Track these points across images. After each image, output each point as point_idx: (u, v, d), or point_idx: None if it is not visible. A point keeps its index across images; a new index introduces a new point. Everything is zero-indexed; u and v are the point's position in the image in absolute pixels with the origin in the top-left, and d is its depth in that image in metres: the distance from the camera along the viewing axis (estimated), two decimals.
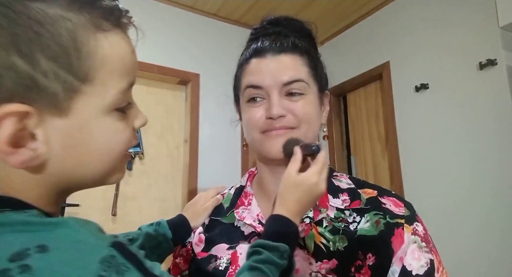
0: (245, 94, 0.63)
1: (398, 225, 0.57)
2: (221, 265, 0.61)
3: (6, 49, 0.28)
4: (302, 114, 0.60)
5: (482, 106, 1.94)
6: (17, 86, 0.29)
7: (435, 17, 2.22)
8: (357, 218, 0.59)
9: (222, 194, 0.75)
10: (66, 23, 0.31)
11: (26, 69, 0.29)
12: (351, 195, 0.63)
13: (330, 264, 0.55)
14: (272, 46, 0.63)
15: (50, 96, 0.30)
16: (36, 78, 0.29)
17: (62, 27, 0.30)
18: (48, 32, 0.30)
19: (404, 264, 0.54)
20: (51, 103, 0.31)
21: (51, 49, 0.30)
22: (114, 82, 0.34)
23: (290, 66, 0.61)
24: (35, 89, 0.29)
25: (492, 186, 1.85)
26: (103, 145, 0.35)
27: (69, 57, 0.31)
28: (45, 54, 0.29)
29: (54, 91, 0.30)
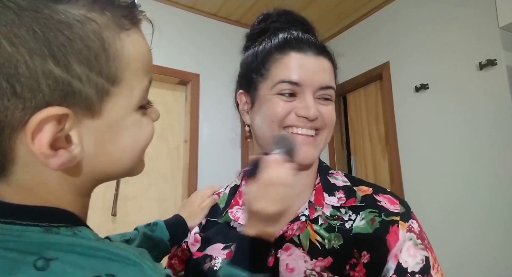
0: (278, 86, 0.60)
1: (393, 223, 0.57)
2: (216, 265, 0.61)
3: (42, 56, 0.28)
4: (330, 119, 0.62)
5: (482, 106, 1.94)
6: (54, 92, 0.29)
7: (435, 17, 2.22)
8: (353, 216, 0.60)
9: (217, 193, 0.75)
10: (92, 24, 0.31)
11: (62, 75, 0.29)
12: (347, 193, 0.63)
13: (325, 261, 0.55)
14: (311, 44, 0.62)
15: (84, 100, 0.31)
16: (71, 83, 0.30)
17: (89, 29, 0.31)
18: (78, 36, 0.30)
19: (400, 261, 0.54)
20: (85, 106, 0.31)
21: (82, 53, 0.30)
22: (139, 81, 0.35)
23: (328, 71, 0.62)
24: (71, 93, 0.30)
25: (492, 186, 1.85)
26: (132, 141, 0.36)
27: (99, 60, 0.31)
28: (77, 58, 0.30)
29: (88, 94, 0.31)
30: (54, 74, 0.29)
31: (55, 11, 0.29)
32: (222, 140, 2.56)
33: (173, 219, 0.71)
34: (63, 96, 0.30)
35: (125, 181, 2.25)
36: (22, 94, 0.28)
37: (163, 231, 0.68)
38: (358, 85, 2.78)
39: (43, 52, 0.28)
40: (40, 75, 0.28)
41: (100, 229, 1.44)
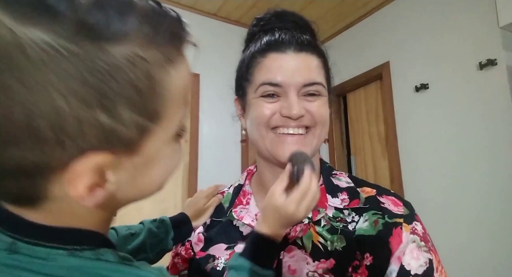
0: (259, 90, 0.60)
1: (396, 225, 0.57)
2: (219, 265, 0.60)
3: (90, 106, 0.27)
4: (319, 115, 0.60)
5: (482, 106, 1.94)
6: (99, 139, 0.28)
7: (435, 17, 2.22)
8: (356, 217, 0.59)
9: (221, 192, 0.75)
10: (143, 64, 0.29)
11: (107, 122, 0.28)
12: (350, 194, 0.62)
13: (327, 263, 0.55)
14: (292, 42, 0.60)
15: (126, 141, 0.30)
16: (116, 129, 0.29)
17: (140, 69, 0.29)
18: (128, 79, 0.28)
19: (403, 263, 0.54)
20: (126, 147, 0.30)
21: (131, 97, 0.28)
22: (178, 113, 0.34)
23: (310, 66, 0.60)
24: (115, 139, 0.29)
25: (492, 185, 1.85)
26: (164, 170, 0.36)
27: (145, 100, 0.30)
28: (125, 104, 0.28)
29: (130, 136, 0.30)
30: (100, 122, 0.28)
31: (106, 52, 0.27)
32: (222, 140, 2.56)
33: (179, 217, 0.71)
34: (106, 141, 0.29)
35: None
36: (65, 142, 0.27)
37: (168, 228, 0.68)
38: (358, 85, 2.78)
39: (92, 101, 0.27)
40: (86, 124, 0.27)
41: None
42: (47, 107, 0.25)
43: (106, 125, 0.28)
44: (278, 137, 0.60)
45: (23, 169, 0.27)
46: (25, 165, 0.27)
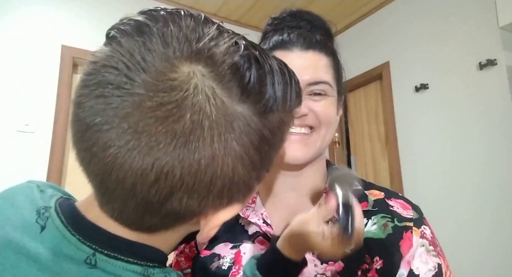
0: None
1: (407, 229, 0.56)
2: (224, 264, 0.60)
3: (251, 170, 0.30)
4: (323, 115, 0.58)
5: (482, 106, 1.94)
6: (244, 196, 0.32)
7: (435, 17, 2.22)
8: (364, 220, 0.57)
9: None
10: (286, 126, 0.34)
11: (252, 182, 0.31)
12: (358, 197, 0.61)
13: (336, 266, 0.54)
14: (299, 40, 0.59)
15: (249, 194, 0.33)
16: (253, 186, 0.32)
17: (284, 131, 0.33)
18: (276, 142, 0.32)
19: (412, 267, 0.53)
20: (246, 198, 0.33)
21: (273, 158, 0.32)
22: None
23: (317, 65, 0.58)
24: (247, 192, 0.32)
25: (492, 185, 1.85)
26: None
27: (275, 158, 0.34)
28: (268, 163, 0.32)
29: (254, 188, 0.33)
30: (249, 183, 0.31)
31: (270, 121, 0.30)
32: None
33: None
34: (244, 195, 0.32)
35: None
36: (224, 198, 0.30)
37: None
38: (358, 85, 2.78)
39: (256, 167, 0.30)
40: (246, 185, 0.31)
41: None
42: (230, 170, 0.28)
43: (251, 183, 0.31)
44: None
45: (178, 213, 0.30)
46: (183, 211, 0.29)
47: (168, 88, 0.26)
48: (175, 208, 0.29)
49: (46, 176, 2.03)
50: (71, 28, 2.20)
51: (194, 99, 0.26)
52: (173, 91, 0.26)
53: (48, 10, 2.16)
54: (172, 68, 0.26)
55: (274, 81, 0.31)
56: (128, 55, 0.27)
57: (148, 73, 0.26)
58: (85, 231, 0.31)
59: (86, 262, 0.29)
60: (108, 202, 0.30)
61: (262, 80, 0.29)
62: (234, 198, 0.31)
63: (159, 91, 0.26)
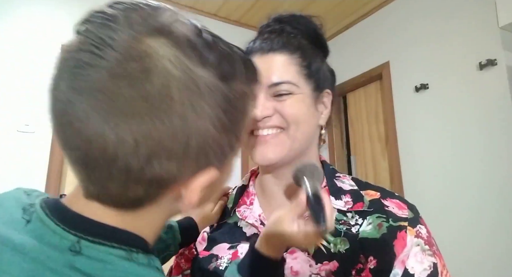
0: None
1: (401, 228, 0.56)
2: (221, 264, 0.60)
3: (224, 131, 0.33)
4: (289, 114, 0.58)
5: (482, 106, 1.94)
6: (217, 157, 0.34)
7: (435, 17, 2.22)
8: (359, 220, 0.58)
9: (226, 194, 0.75)
10: (248, 98, 0.36)
11: (224, 143, 0.33)
12: (354, 197, 0.61)
13: (330, 266, 0.54)
14: (261, 46, 0.61)
15: (224, 160, 0.35)
16: (226, 149, 0.34)
17: (247, 101, 0.36)
18: (242, 108, 0.35)
19: (407, 267, 0.53)
20: (222, 165, 0.35)
21: (240, 124, 0.35)
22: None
23: (276, 66, 0.59)
24: (223, 157, 0.35)
25: (492, 185, 1.85)
26: (222, 183, 0.40)
27: (243, 126, 0.36)
28: (238, 128, 0.35)
29: (228, 156, 0.36)
30: (222, 146, 0.33)
31: (231, 87, 0.33)
32: None
33: (187, 222, 0.71)
34: (218, 160, 0.34)
35: None
36: (200, 159, 0.32)
37: (176, 234, 0.68)
38: (358, 85, 2.78)
39: (227, 127, 0.33)
40: (217, 145, 0.33)
41: None
42: (202, 130, 0.31)
43: (224, 145, 0.34)
44: (253, 138, 0.59)
45: (160, 178, 0.31)
46: (164, 175, 0.31)
47: (136, 57, 0.28)
48: (156, 173, 0.30)
49: (46, 176, 2.03)
50: (71, 28, 2.20)
51: (161, 65, 0.29)
52: (141, 60, 0.28)
53: (48, 10, 2.16)
54: (137, 43, 0.29)
55: (228, 53, 0.34)
56: (96, 38, 0.29)
57: (117, 49, 0.28)
58: (70, 221, 0.32)
59: (71, 250, 0.30)
60: (91, 179, 0.32)
61: (218, 50, 0.33)
62: (210, 161, 0.33)
63: (128, 61, 0.28)
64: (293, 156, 0.60)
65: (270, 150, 0.58)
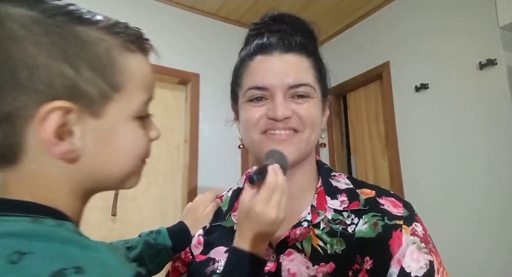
0: (247, 94, 0.60)
1: (396, 227, 0.56)
2: (219, 268, 0.60)
3: (57, 60, 0.35)
4: (307, 117, 0.58)
5: (482, 106, 1.94)
6: (64, 88, 0.35)
7: (435, 17, 2.22)
8: (355, 219, 0.58)
9: (220, 196, 0.75)
10: (104, 44, 0.38)
11: (72, 75, 0.36)
12: (350, 196, 0.61)
13: (327, 267, 0.54)
14: (279, 44, 0.60)
15: (88, 99, 0.37)
16: (79, 83, 0.36)
17: (100, 46, 0.38)
18: (90, 49, 0.37)
19: (403, 265, 0.53)
20: (89, 105, 0.37)
21: (92, 62, 0.37)
22: (138, 94, 0.41)
23: (297, 67, 0.59)
24: (78, 92, 0.36)
25: (492, 185, 1.85)
26: (128, 146, 0.41)
27: (105, 70, 0.38)
28: (87, 65, 0.37)
29: (92, 95, 0.37)
30: (66, 73, 0.35)
31: (76, 30, 0.37)
32: (222, 140, 2.56)
33: (177, 227, 0.71)
34: (70, 93, 0.36)
35: None
36: (38, 87, 0.34)
37: (165, 239, 0.68)
38: (358, 85, 2.78)
39: (59, 57, 0.35)
40: (55, 73, 0.35)
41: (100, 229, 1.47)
42: (27, 60, 0.34)
43: (71, 78, 0.36)
44: (267, 137, 0.59)
45: (4, 115, 0.34)
46: (6, 111, 0.34)
47: None
48: (1, 109, 0.34)
49: None
50: None
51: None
52: None
53: None
54: None
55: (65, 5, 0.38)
56: None
57: None
58: None
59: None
60: None
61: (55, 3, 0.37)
62: (51, 90, 0.35)
63: None
64: (303, 157, 0.61)
65: (288, 150, 0.57)
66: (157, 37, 2.48)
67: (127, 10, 2.37)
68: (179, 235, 0.70)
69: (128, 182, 0.43)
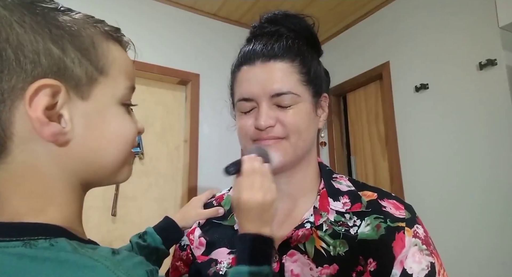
0: (237, 105, 0.62)
1: (399, 229, 0.56)
2: (221, 269, 0.60)
3: (44, 38, 0.35)
4: (291, 125, 0.58)
5: (482, 106, 1.94)
6: (51, 67, 0.35)
7: (435, 17, 2.22)
8: (358, 221, 0.58)
9: (220, 195, 0.75)
10: (86, 29, 0.39)
11: (58, 54, 0.36)
12: (352, 198, 0.61)
13: (331, 269, 0.54)
14: (262, 52, 0.60)
15: (75, 79, 0.37)
16: (65, 62, 0.36)
17: (83, 30, 0.39)
18: (74, 33, 0.38)
19: (405, 267, 0.53)
20: (76, 87, 0.37)
21: (76, 43, 0.38)
22: (123, 80, 0.41)
23: (278, 76, 0.58)
24: (65, 71, 0.36)
25: (492, 186, 1.85)
26: (116, 131, 0.40)
27: (90, 52, 0.38)
28: (72, 45, 0.37)
29: (79, 75, 0.37)
30: (52, 52, 0.36)
31: (59, 16, 0.37)
32: (222, 140, 2.56)
33: (162, 222, 0.73)
34: (58, 71, 0.36)
35: None
36: (25, 66, 0.34)
37: (154, 237, 0.70)
38: (358, 85, 2.78)
39: (45, 35, 0.36)
40: (41, 51, 0.35)
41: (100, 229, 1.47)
42: (12, 39, 0.34)
43: (58, 56, 0.36)
44: None
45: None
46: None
47: None
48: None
49: None
50: None
51: None
52: None
53: None
54: None
55: None
56: None
57: None
58: None
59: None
60: None
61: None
62: (38, 68, 0.35)
63: None
64: (295, 161, 0.61)
65: (275, 154, 0.58)
66: (157, 37, 2.49)
67: (127, 10, 2.37)
68: (166, 229, 0.71)
69: (120, 173, 0.42)
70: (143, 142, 2.34)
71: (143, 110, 2.36)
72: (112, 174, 0.41)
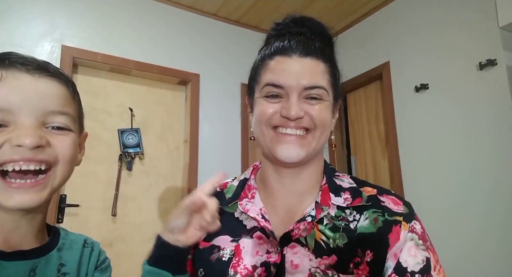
0: (264, 90, 0.64)
1: (396, 223, 0.59)
2: (224, 256, 0.63)
3: None
4: (319, 119, 0.62)
5: (482, 106, 1.94)
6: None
7: (435, 17, 2.22)
8: (357, 216, 0.61)
9: (223, 183, 0.76)
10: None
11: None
12: (353, 194, 0.64)
13: (329, 260, 0.57)
14: (299, 47, 0.63)
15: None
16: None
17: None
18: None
19: (400, 260, 0.56)
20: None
21: None
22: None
23: (314, 71, 0.62)
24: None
25: (492, 186, 1.85)
26: None
27: None
28: None
29: None
30: None
31: None
32: (222, 140, 2.56)
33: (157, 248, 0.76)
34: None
35: (125, 181, 2.25)
36: None
37: None
38: (358, 85, 2.78)
39: None
40: None
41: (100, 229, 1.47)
42: None
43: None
44: (277, 136, 0.63)
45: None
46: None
47: None
48: None
49: None
50: (71, 28, 2.20)
51: None
52: None
53: (48, 10, 2.16)
54: None
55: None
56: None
57: None
58: None
59: None
60: None
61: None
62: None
63: None
64: (312, 155, 0.65)
65: (296, 150, 0.62)
66: (158, 37, 2.50)
67: (128, 10, 2.37)
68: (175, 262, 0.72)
69: None
70: (143, 142, 2.34)
71: (143, 110, 2.36)
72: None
